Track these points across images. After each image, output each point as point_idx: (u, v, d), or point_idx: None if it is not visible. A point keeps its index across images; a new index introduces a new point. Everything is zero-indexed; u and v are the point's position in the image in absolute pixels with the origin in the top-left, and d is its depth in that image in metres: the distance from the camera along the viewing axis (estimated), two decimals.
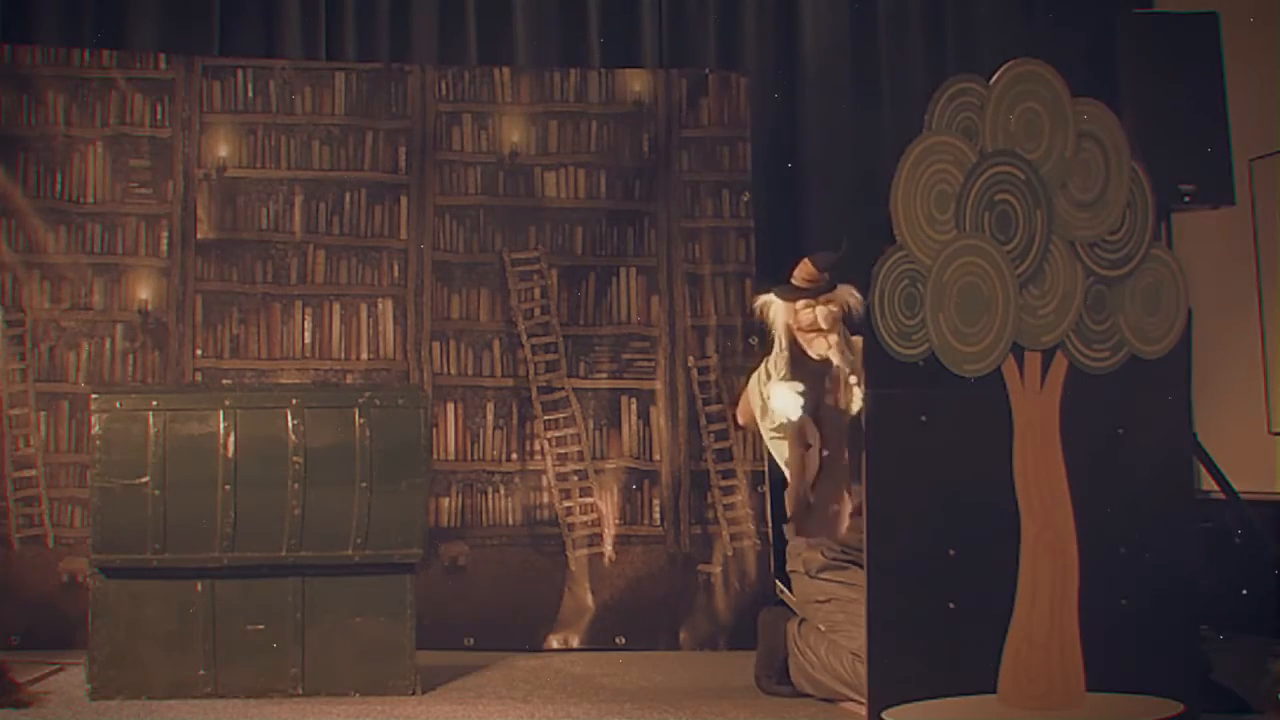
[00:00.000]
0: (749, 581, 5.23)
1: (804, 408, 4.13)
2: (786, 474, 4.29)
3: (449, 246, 5.31)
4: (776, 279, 4.42)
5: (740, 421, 4.68)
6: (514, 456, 5.27)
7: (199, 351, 5.21)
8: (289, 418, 4.31)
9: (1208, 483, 4.93)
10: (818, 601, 4.15)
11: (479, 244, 5.31)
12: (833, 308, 4.21)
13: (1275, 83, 5.20)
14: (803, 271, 4.26)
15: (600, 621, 5.17)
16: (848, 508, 4.17)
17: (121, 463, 4.19)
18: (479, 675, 4.60)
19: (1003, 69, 3.49)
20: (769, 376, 4.26)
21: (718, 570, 5.25)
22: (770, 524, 5.01)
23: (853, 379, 4.11)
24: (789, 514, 4.27)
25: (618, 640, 5.15)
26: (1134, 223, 3.60)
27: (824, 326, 4.22)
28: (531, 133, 5.33)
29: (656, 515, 5.27)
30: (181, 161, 5.22)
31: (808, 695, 4.16)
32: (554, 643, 5.15)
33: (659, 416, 5.30)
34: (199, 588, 4.26)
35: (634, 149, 5.36)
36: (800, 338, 4.27)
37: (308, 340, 5.26)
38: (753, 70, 5.45)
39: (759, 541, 5.22)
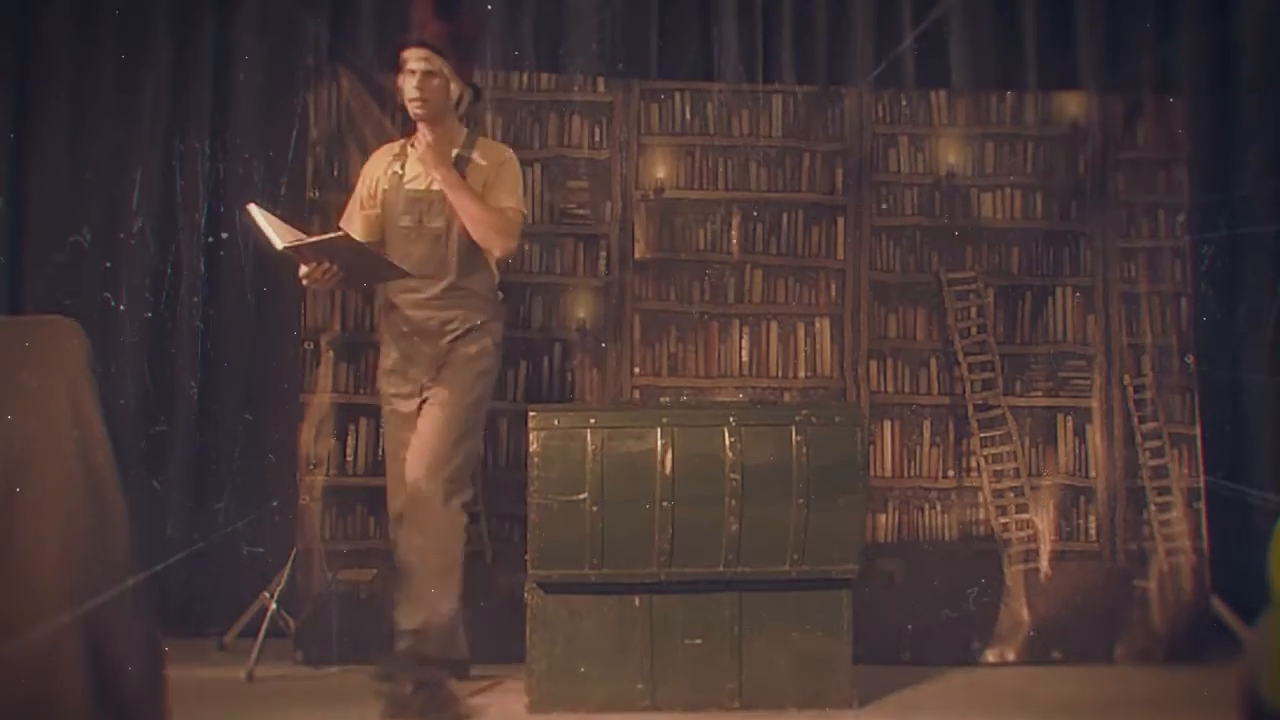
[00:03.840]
0: (1185, 597, 5.38)
1: None
2: None
3: (886, 266, 5.51)
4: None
5: None
6: (950, 473, 5.46)
7: (636, 370, 5.45)
8: (726, 435, 4.51)
9: None
10: None
11: (916, 264, 5.52)
12: None
13: None
14: None
15: (1036, 636, 5.35)
16: None
17: (560, 480, 4.43)
18: (915, 689, 4.81)
19: None
20: None
21: (1153, 585, 5.40)
22: (1207, 540, 5.18)
23: None
24: None
25: (1054, 655, 5.32)
26: None
27: None
28: (968, 154, 5.52)
29: (1092, 531, 5.42)
30: (619, 182, 5.47)
31: None
32: (989, 657, 5.34)
33: (1095, 434, 5.46)
34: (637, 602, 4.50)
35: (1070, 170, 5.53)
36: None
37: (745, 358, 5.48)
38: (1189, 91, 5.55)
39: (1195, 557, 5.37)
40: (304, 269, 4.43)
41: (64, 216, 5.41)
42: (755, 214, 5.49)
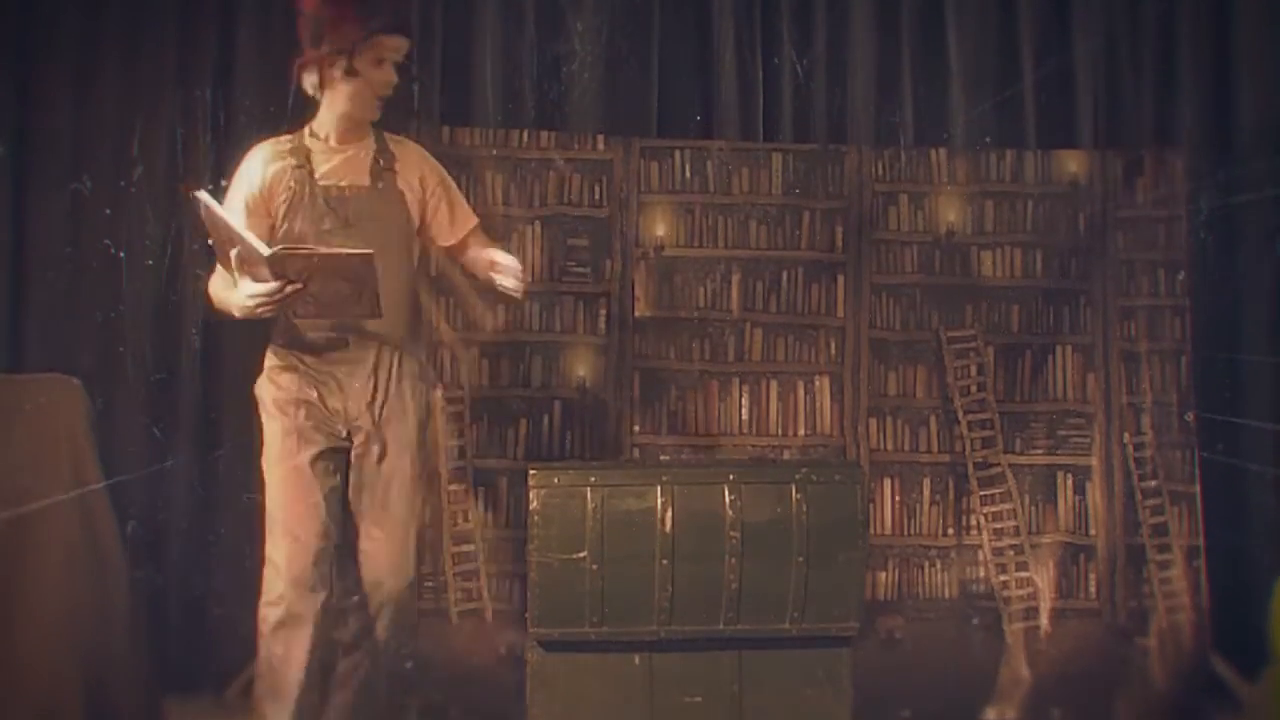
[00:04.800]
0: (1185, 655, 5.40)
1: None
2: None
3: (886, 324, 5.55)
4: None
5: None
6: (950, 531, 5.50)
7: (636, 428, 5.47)
8: (726, 493, 4.53)
9: None
10: None
11: (915, 322, 5.55)
12: None
13: None
14: None
15: (1036, 694, 5.34)
16: None
17: (560, 538, 4.43)
18: None
19: None
20: None
21: (1154, 643, 5.42)
22: (1208, 598, 5.21)
23: None
24: None
25: (1054, 713, 5.31)
26: None
27: None
28: (968, 212, 5.56)
29: (1092, 589, 5.45)
30: (619, 240, 5.50)
31: None
32: (990, 715, 5.32)
33: (1095, 492, 5.49)
34: (637, 660, 4.50)
35: (1069, 228, 5.57)
36: None
37: (745, 416, 5.51)
38: (1188, 148, 5.57)
39: (1195, 615, 5.39)
40: (265, 286, 3.79)
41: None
42: (755, 272, 5.50)
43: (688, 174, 5.55)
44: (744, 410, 5.52)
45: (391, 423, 4.12)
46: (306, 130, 4.15)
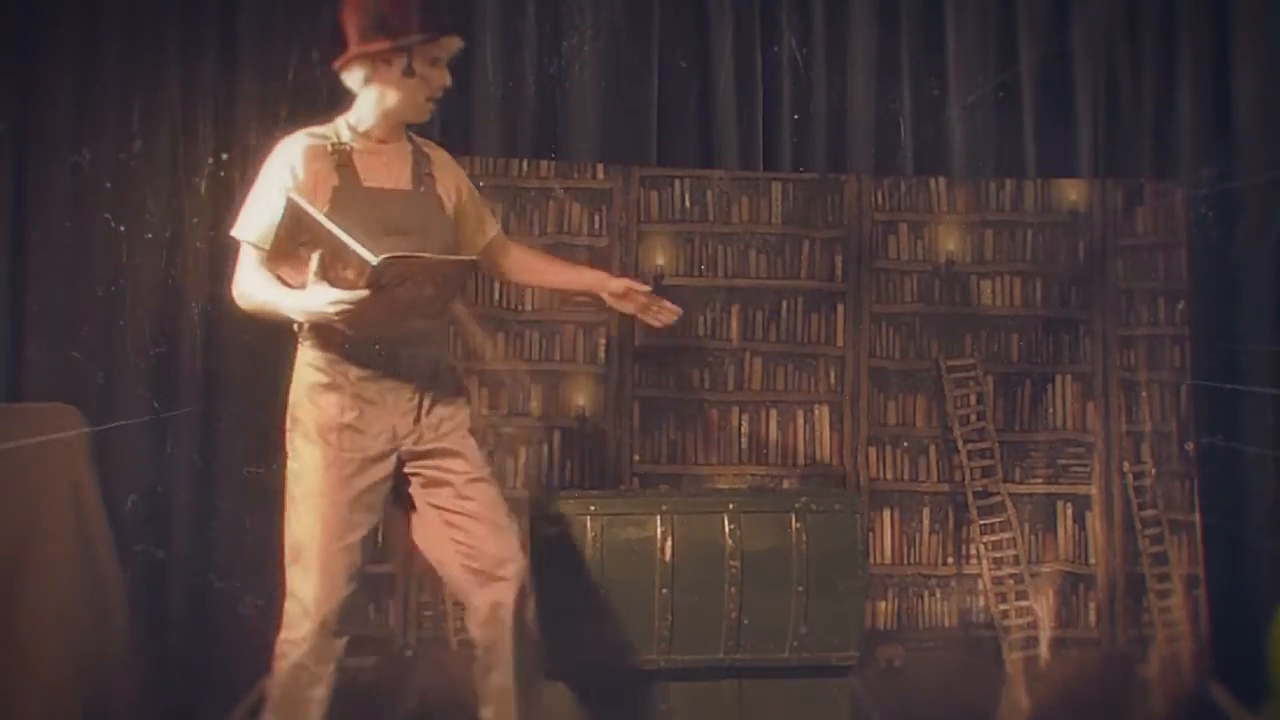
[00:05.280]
0: (1185, 684, 5.40)
1: None
2: None
3: (885, 353, 5.56)
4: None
5: None
6: (950, 560, 5.51)
7: (636, 457, 5.48)
8: (725, 522, 4.59)
9: None
10: None
11: (915, 351, 5.57)
12: None
13: None
14: None
15: None
16: None
17: (560, 567, 4.48)
18: None
19: None
20: None
21: (1154, 672, 5.42)
22: (1207, 627, 5.22)
23: None
24: None
25: None
26: None
27: None
28: (967, 241, 5.57)
29: (1092, 618, 5.46)
30: (619, 269, 5.45)
31: None
32: None
33: (1094, 521, 5.50)
34: (637, 689, 4.57)
35: (1069, 257, 5.58)
36: None
37: (744, 445, 5.53)
38: (1187, 177, 5.59)
39: (1195, 644, 5.41)
40: (356, 294, 3.55)
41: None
42: (754, 301, 5.52)
43: (687, 203, 5.56)
44: (743, 439, 5.53)
45: (452, 433, 3.95)
46: (344, 125, 3.94)
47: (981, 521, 5.50)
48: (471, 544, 3.89)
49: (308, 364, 3.86)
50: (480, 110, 5.56)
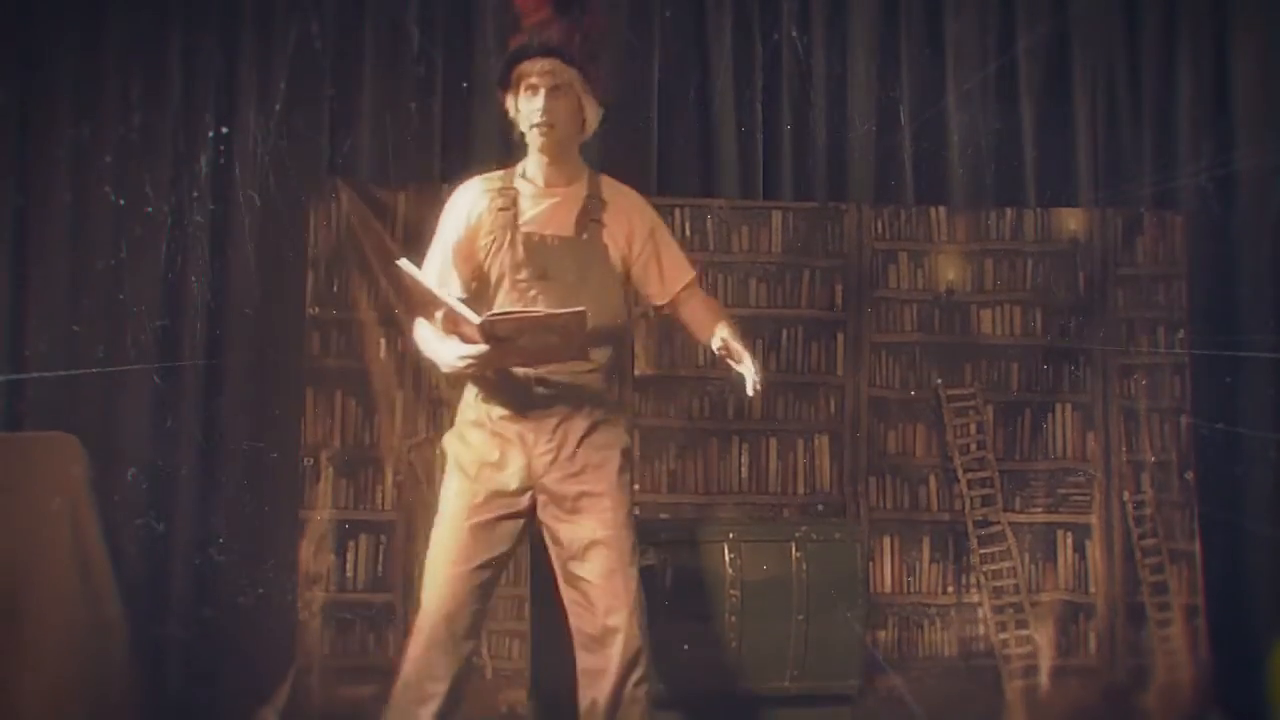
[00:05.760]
0: (1185, 713, 5.41)
1: None
2: None
3: (885, 382, 5.58)
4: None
5: None
6: (950, 589, 5.52)
7: (636, 486, 5.42)
8: (726, 551, 4.61)
9: None
10: None
11: (915, 380, 5.58)
12: None
13: None
14: None
15: None
16: None
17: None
18: None
19: None
20: None
21: (1154, 702, 5.43)
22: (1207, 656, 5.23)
23: None
24: None
25: None
26: None
27: None
28: (967, 270, 5.59)
29: (1092, 647, 5.47)
30: None
31: None
32: None
33: (1094, 550, 5.52)
34: None
35: (1069, 286, 5.60)
36: None
37: (744, 474, 5.54)
38: (1187, 207, 5.62)
39: (1195, 673, 5.43)
40: (475, 349, 3.64)
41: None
42: (754, 330, 5.50)
43: (688, 232, 5.56)
44: (743, 468, 5.54)
45: (586, 474, 3.89)
46: (519, 169, 3.95)
47: (981, 550, 5.51)
48: (581, 607, 3.88)
49: (466, 401, 3.95)
50: (481, 143, 5.57)
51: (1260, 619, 5.48)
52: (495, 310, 3.75)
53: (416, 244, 4.90)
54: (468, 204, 3.92)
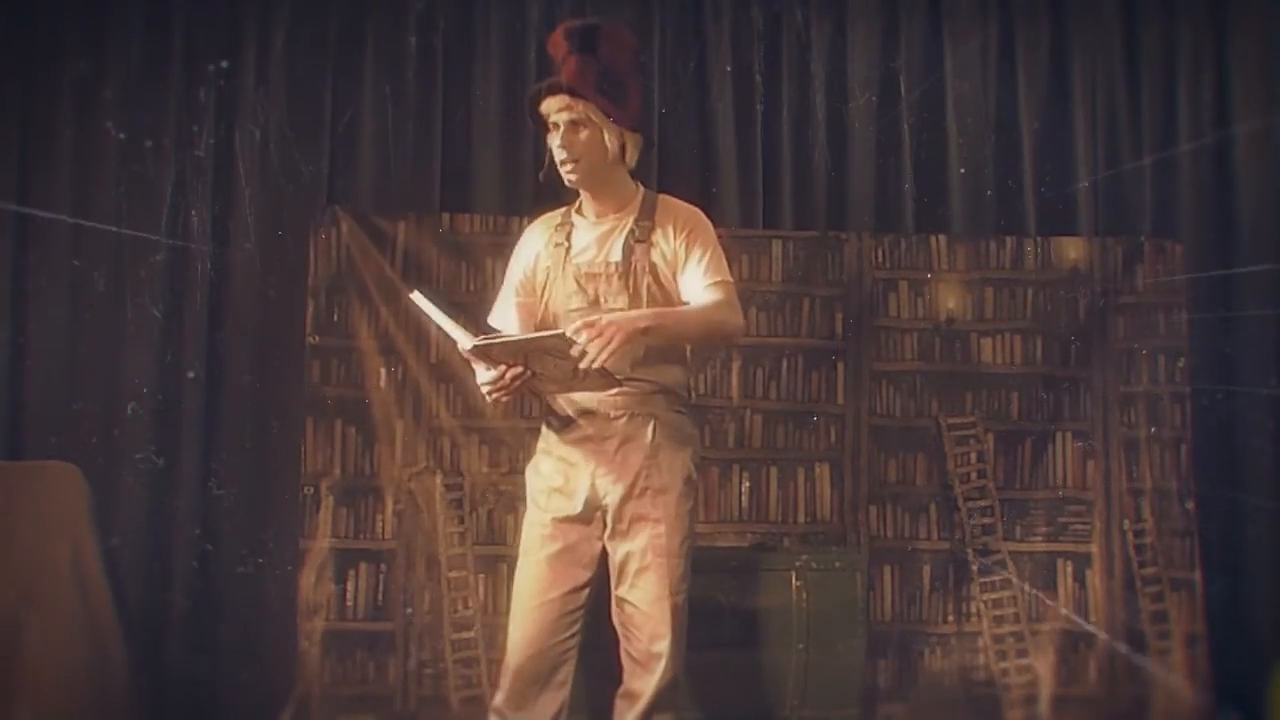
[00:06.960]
0: None
1: None
2: None
3: (885, 411, 5.60)
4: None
5: None
6: (950, 618, 5.53)
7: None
8: (726, 581, 4.68)
9: None
10: None
11: (915, 408, 5.60)
12: None
13: None
14: None
15: None
16: None
17: None
18: None
19: None
20: None
21: None
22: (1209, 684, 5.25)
23: None
24: None
25: None
26: None
27: None
28: (968, 299, 5.62)
29: (1092, 676, 5.47)
30: None
31: None
32: None
33: (1095, 579, 5.54)
34: None
35: (1069, 315, 5.62)
36: None
37: (745, 503, 5.55)
38: (1188, 236, 5.65)
39: (1196, 701, 5.43)
40: (488, 373, 3.73)
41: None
42: (755, 359, 5.56)
43: None
44: (744, 497, 5.56)
45: (647, 495, 3.98)
46: (578, 203, 4.08)
47: (982, 579, 5.53)
48: (628, 630, 3.97)
49: (541, 432, 4.11)
50: (483, 169, 5.61)
51: (1261, 648, 5.48)
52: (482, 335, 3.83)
53: (416, 273, 4.97)
54: (529, 243, 4.10)
